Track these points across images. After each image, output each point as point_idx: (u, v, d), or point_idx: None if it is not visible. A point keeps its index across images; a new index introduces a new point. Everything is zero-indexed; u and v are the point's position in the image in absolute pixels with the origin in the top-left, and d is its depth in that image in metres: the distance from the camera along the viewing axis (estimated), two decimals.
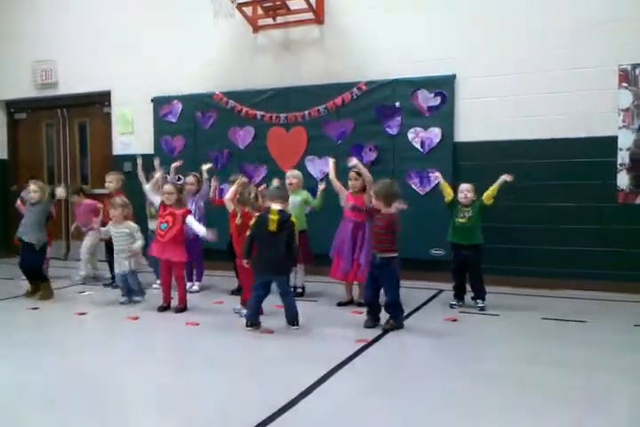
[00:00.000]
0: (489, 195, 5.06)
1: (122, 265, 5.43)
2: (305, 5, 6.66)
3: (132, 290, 5.48)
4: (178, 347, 4.26)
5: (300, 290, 5.70)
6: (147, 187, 5.78)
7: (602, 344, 4.10)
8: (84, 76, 8.02)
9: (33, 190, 5.69)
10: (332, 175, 5.40)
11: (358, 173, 5.21)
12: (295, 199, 5.45)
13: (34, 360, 3.86)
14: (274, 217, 4.39)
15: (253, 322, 4.49)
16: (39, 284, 5.77)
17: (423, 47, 6.38)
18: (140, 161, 6.24)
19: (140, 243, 5.37)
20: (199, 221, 5.56)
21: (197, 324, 4.68)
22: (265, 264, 4.45)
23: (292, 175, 5.71)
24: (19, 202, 6.59)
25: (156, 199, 5.50)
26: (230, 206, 4.97)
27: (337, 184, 5.34)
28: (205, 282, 6.20)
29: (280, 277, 4.49)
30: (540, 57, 5.94)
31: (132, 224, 5.48)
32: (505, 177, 5.07)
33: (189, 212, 5.27)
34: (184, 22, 7.42)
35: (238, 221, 4.90)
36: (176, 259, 5.14)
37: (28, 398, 3.20)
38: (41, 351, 4.06)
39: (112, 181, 6.28)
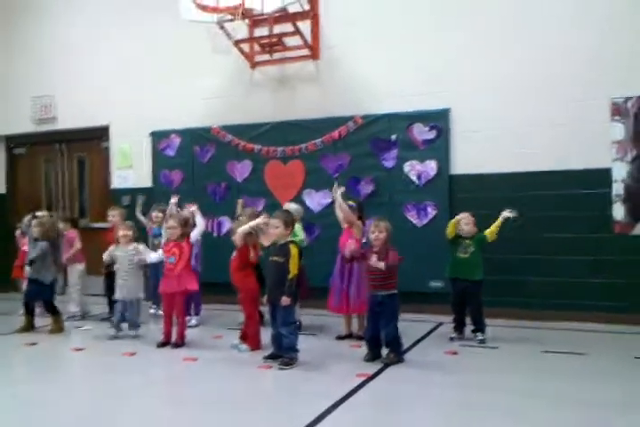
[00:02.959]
0: (492, 231, 5.08)
1: (123, 291, 5.41)
2: (301, 42, 6.81)
3: (126, 320, 5.44)
4: (176, 383, 4.23)
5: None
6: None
7: (602, 378, 4.07)
8: (83, 111, 8.11)
9: (34, 225, 5.71)
10: (336, 204, 5.33)
11: (353, 208, 5.21)
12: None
13: (33, 397, 3.83)
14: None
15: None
16: (33, 319, 5.76)
17: (418, 81, 6.50)
18: (140, 201, 6.34)
19: (154, 255, 5.43)
20: (196, 256, 5.60)
21: (196, 359, 4.64)
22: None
23: (290, 209, 5.67)
24: (18, 233, 6.62)
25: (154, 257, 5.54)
26: (240, 239, 4.92)
27: (340, 214, 5.30)
28: (203, 315, 6.16)
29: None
30: (534, 90, 6.05)
31: (139, 245, 5.52)
32: (506, 213, 5.11)
33: (189, 243, 5.27)
34: (182, 58, 7.55)
35: (253, 256, 4.99)
36: (189, 287, 5.15)
37: None
38: (39, 388, 4.02)
39: (115, 215, 6.35)
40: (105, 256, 5.54)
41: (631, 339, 5.22)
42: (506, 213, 5.11)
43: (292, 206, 5.76)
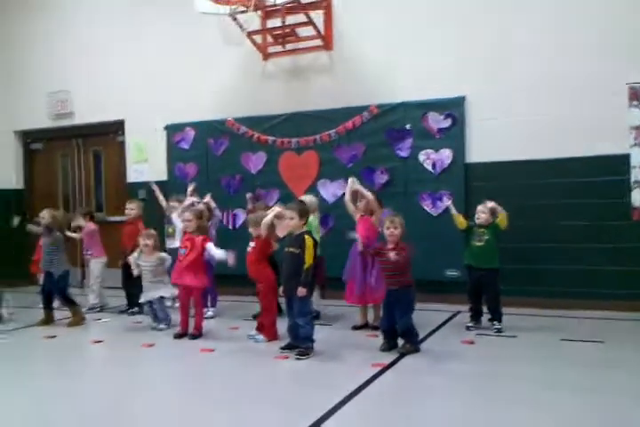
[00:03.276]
0: (503, 220, 5.03)
1: (148, 295, 5.46)
2: (314, 32, 6.77)
3: (157, 317, 5.50)
4: (193, 374, 4.24)
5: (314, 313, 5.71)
6: (174, 215, 6.01)
7: (620, 365, 4.03)
8: (98, 106, 8.18)
9: (47, 217, 5.77)
10: (346, 197, 5.38)
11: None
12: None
13: (53, 389, 3.87)
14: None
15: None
16: (52, 312, 5.85)
17: (432, 69, 6.44)
18: (155, 187, 6.40)
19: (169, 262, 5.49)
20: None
21: (213, 350, 4.67)
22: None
23: (305, 201, 5.65)
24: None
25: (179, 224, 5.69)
26: (265, 230, 4.89)
27: (350, 206, 5.35)
28: (219, 307, 6.20)
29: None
30: (550, 76, 5.97)
31: (162, 254, 5.53)
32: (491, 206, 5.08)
33: (208, 240, 5.29)
34: (196, 51, 7.57)
35: (276, 246, 5.04)
36: (195, 284, 5.16)
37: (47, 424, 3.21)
38: (59, 380, 4.08)
39: (134, 208, 6.39)
40: (132, 264, 5.50)
41: None
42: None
43: (307, 198, 5.77)
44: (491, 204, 5.07)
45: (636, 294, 5.65)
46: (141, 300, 5.57)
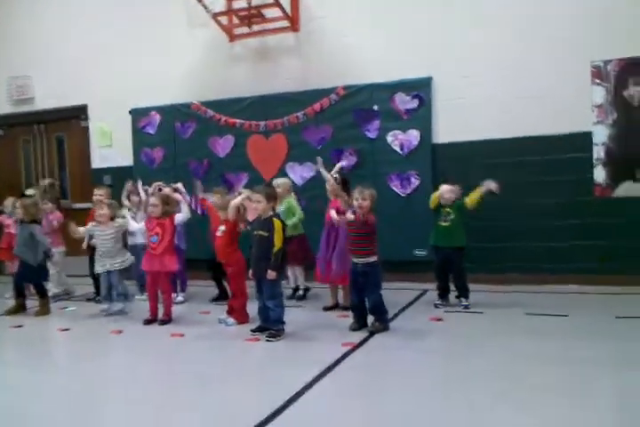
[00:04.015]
0: (472, 200, 5.06)
1: (105, 265, 5.42)
2: (280, 13, 6.69)
3: (112, 294, 5.44)
4: (164, 359, 4.22)
5: (301, 292, 5.82)
6: (125, 212, 5.82)
7: (585, 337, 4.13)
8: (60, 91, 7.98)
9: (18, 207, 5.69)
10: (326, 175, 5.33)
11: (337, 180, 5.20)
12: (279, 208, 5.43)
13: (21, 378, 3.81)
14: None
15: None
16: (24, 300, 5.74)
17: (398, 50, 6.44)
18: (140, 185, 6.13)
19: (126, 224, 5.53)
20: (179, 234, 5.58)
21: (183, 335, 4.64)
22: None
23: (277, 184, 5.63)
24: (3, 216, 6.57)
25: (135, 226, 5.59)
26: (232, 213, 4.86)
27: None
28: (189, 292, 6.16)
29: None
30: (515, 56, 6.01)
31: (119, 220, 5.49)
32: (490, 185, 5.03)
33: (173, 223, 5.21)
34: (159, 33, 7.42)
35: (241, 229, 4.97)
36: (170, 268, 5.12)
37: (18, 417, 3.15)
38: (27, 369, 4.01)
39: (102, 194, 6.11)
40: (82, 231, 5.48)
41: (612, 300, 5.30)
42: (491, 185, 5.05)
43: (280, 181, 5.75)
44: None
45: (598, 268, 5.78)
46: (97, 270, 5.50)
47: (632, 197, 5.74)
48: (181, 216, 5.23)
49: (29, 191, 6.01)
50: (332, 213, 4.98)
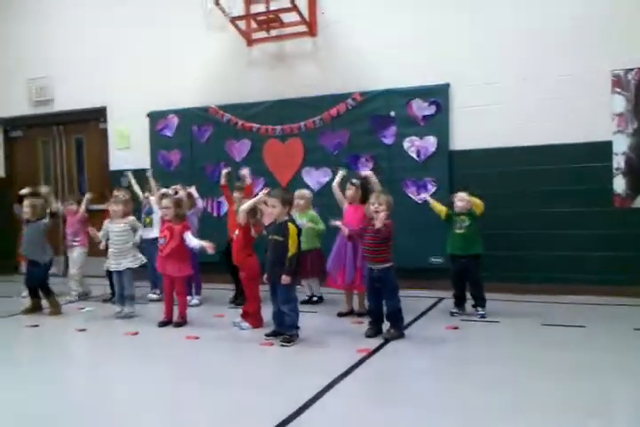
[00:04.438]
0: (477, 205, 5.09)
1: (114, 264, 5.45)
2: (298, 18, 6.71)
3: (124, 296, 5.47)
4: (178, 362, 4.24)
5: (315, 298, 5.84)
6: (152, 199, 6.01)
7: (602, 349, 4.09)
8: (80, 93, 8.05)
9: (25, 206, 5.72)
10: (335, 183, 5.36)
11: (356, 185, 5.20)
12: (301, 221, 5.44)
13: (37, 377, 3.84)
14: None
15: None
16: (39, 301, 5.78)
17: (417, 56, 6.43)
18: (131, 177, 6.45)
19: (140, 232, 5.64)
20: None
21: (197, 338, 4.66)
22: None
23: (299, 196, 5.62)
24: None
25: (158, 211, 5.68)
26: (243, 217, 4.86)
27: (338, 193, 5.35)
28: (204, 295, 6.18)
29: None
30: (535, 64, 5.98)
31: (130, 218, 5.55)
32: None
33: (187, 227, 5.24)
34: (178, 37, 7.47)
35: (254, 234, 4.95)
36: (177, 274, 5.13)
37: (33, 415, 3.18)
38: (43, 368, 4.04)
39: (124, 195, 6.14)
40: (101, 235, 5.52)
41: (631, 311, 5.23)
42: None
43: (302, 192, 5.75)
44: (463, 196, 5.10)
45: (617, 279, 5.72)
46: (107, 267, 5.54)
47: None
48: (190, 242, 5.13)
49: (43, 189, 6.04)
50: (343, 230, 4.85)
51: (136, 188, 6.49)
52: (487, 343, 4.34)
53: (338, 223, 4.88)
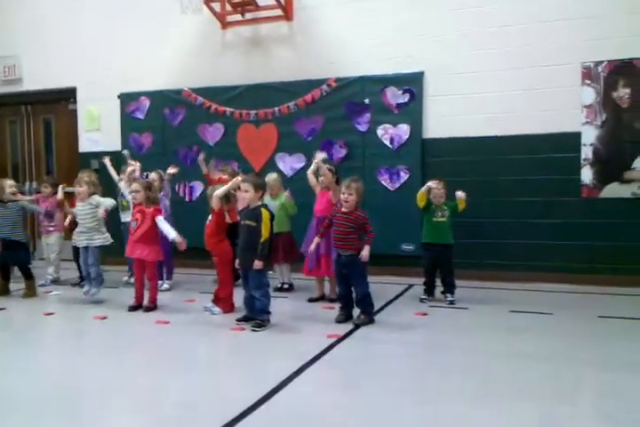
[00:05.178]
0: (462, 205, 5.13)
1: (81, 241, 5.40)
2: (274, 1, 6.64)
3: (90, 273, 5.40)
4: (148, 346, 4.22)
5: (286, 286, 5.82)
6: (121, 184, 5.87)
7: (567, 335, 4.19)
8: (49, 72, 7.87)
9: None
10: (311, 169, 5.31)
11: (332, 171, 5.20)
12: (274, 203, 5.46)
13: (2, 362, 3.79)
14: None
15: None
16: (7, 283, 5.71)
17: (392, 44, 6.43)
18: (107, 161, 6.21)
19: (107, 203, 5.44)
20: (165, 220, 5.53)
21: (168, 322, 4.64)
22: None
23: (270, 180, 5.63)
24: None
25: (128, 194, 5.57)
26: (217, 203, 4.84)
27: (312, 179, 5.35)
28: (175, 279, 6.15)
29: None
30: (506, 55, 6.04)
31: (95, 197, 5.44)
32: (460, 194, 5.10)
33: (159, 211, 5.18)
34: (152, 18, 7.33)
35: (229, 220, 4.95)
36: (148, 258, 5.08)
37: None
38: (9, 353, 3.98)
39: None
40: (69, 218, 5.51)
41: (596, 299, 5.37)
42: (460, 195, 5.10)
43: (271, 177, 5.72)
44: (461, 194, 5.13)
45: (583, 268, 5.86)
46: (74, 243, 5.52)
47: (618, 198, 5.80)
48: (164, 230, 5.05)
49: None
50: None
51: (111, 170, 6.32)
52: (455, 329, 4.42)
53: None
